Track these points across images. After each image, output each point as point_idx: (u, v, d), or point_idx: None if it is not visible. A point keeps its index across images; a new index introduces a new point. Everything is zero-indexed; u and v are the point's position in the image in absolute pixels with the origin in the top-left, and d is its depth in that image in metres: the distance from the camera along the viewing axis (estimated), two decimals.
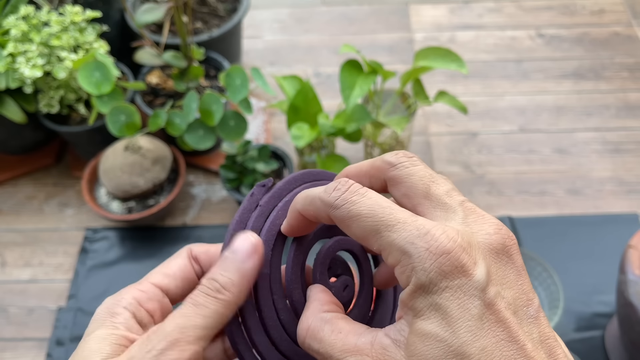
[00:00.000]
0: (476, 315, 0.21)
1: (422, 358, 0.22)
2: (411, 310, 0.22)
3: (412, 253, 0.22)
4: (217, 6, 1.03)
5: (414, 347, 0.22)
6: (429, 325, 0.22)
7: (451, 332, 0.21)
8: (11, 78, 0.82)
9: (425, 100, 0.80)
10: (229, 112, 0.81)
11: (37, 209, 0.95)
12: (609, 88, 1.08)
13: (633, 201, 0.93)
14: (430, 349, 0.21)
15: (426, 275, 0.22)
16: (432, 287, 0.22)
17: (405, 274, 0.22)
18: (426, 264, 0.22)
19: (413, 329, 0.22)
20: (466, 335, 0.21)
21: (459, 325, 0.21)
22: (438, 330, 0.21)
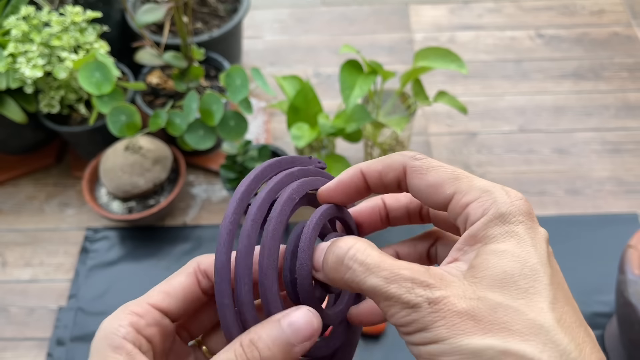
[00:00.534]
0: (545, 251, 0.24)
1: (498, 270, 0.23)
2: (483, 239, 0.24)
3: (494, 191, 0.25)
4: (218, 6, 1.04)
5: (486, 264, 0.24)
6: (505, 245, 0.24)
7: (527, 252, 0.24)
8: (12, 78, 0.82)
9: (425, 101, 0.81)
10: (229, 112, 0.82)
11: (37, 209, 0.96)
12: (609, 88, 1.08)
13: (632, 201, 0.93)
14: (507, 262, 0.23)
15: (507, 207, 0.24)
16: (510, 218, 0.24)
17: (484, 206, 0.25)
18: (507, 199, 0.25)
19: (485, 250, 0.24)
20: (539, 258, 0.24)
21: (534, 250, 0.24)
22: (515, 249, 0.24)
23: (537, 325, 0.22)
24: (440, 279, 0.23)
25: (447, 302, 0.23)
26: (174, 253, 0.89)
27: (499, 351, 0.21)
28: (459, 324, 0.22)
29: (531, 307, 0.22)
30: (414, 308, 0.23)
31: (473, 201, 0.25)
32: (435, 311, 0.23)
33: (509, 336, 0.22)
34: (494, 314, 0.22)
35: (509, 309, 0.22)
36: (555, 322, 0.22)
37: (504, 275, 0.23)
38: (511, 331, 0.22)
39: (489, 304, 0.23)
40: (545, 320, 0.22)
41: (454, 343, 0.22)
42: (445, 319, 0.22)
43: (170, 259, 0.89)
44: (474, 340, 0.22)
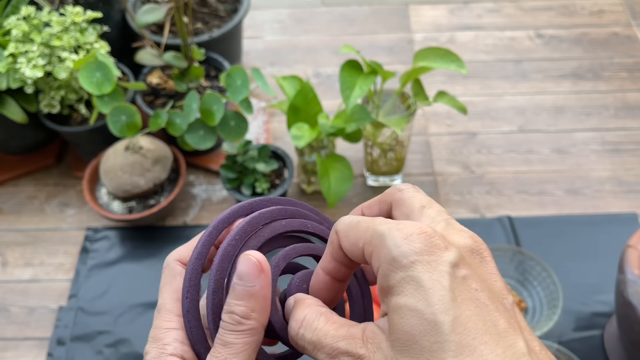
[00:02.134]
0: (448, 287, 0.22)
1: (400, 333, 0.22)
2: (387, 291, 0.23)
3: (386, 234, 0.24)
4: (218, 7, 1.04)
5: (392, 324, 0.23)
6: (403, 299, 0.22)
7: (425, 302, 0.22)
8: (12, 78, 0.82)
9: (424, 101, 0.81)
10: (230, 112, 0.82)
11: (38, 209, 0.96)
12: (608, 88, 1.08)
13: (632, 201, 0.93)
14: (407, 321, 0.22)
15: (398, 249, 0.23)
16: (403, 261, 0.23)
17: (380, 254, 0.24)
18: (397, 240, 0.23)
19: (390, 308, 0.23)
20: (439, 305, 0.22)
21: (432, 294, 0.22)
22: (412, 302, 0.22)
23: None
24: (372, 343, 0.24)
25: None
26: None
27: None
28: None
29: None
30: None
31: (372, 250, 0.24)
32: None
33: None
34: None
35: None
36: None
37: (407, 336, 0.22)
38: None
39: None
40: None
41: None
42: None
43: None
44: None
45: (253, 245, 0.28)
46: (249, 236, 0.28)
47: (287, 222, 0.30)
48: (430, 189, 0.95)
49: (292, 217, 0.30)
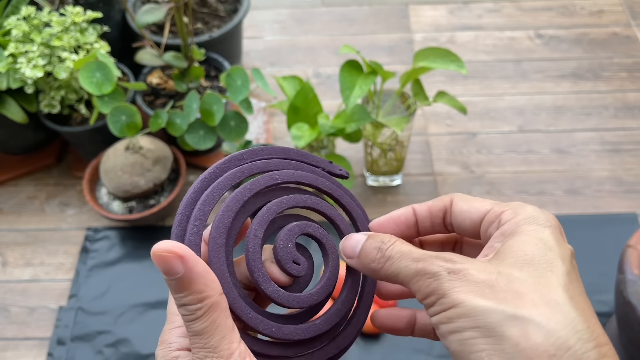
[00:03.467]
0: (569, 257, 0.27)
1: (517, 253, 0.26)
2: (511, 234, 0.27)
3: (527, 205, 0.29)
4: (218, 7, 1.04)
5: (509, 249, 0.26)
6: (531, 237, 0.27)
7: (549, 247, 0.26)
8: (12, 78, 0.82)
9: (424, 101, 0.81)
10: (230, 113, 0.82)
11: (38, 208, 0.96)
12: (608, 88, 1.08)
13: (632, 201, 0.93)
14: (529, 248, 0.26)
15: (539, 214, 0.28)
16: (540, 221, 0.28)
17: (516, 212, 0.28)
18: (539, 211, 0.29)
19: (511, 240, 0.27)
20: (560, 255, 0.26)
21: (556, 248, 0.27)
22: (538, 241, 0.26)
23: (550, 298, 0.23)
24: (465, 258, 0.26)
25: (466, 273, 0.25)
26: None
27: (507, 316, 0.23)
28: (475, 290, 0.24)
29: (546, 284, 0.24)
30: (434, 277, 0.25)
31: (507, 210, 0.28)
32: (453, 279, 0.25)
33: (522, 305, 0.23)
34: (511, 285, 0.24)
35: (525, 282, 0.24)
36: (567, 299, 0.24)
37: (525, 257, 0.25)
38: (524, 300, 0.23)
39: (507, 277, 0.24)
40: (558, 296, 0.24)
41: (468, 305, 0.23)
42: (463, 286, 0.24)
43: None
44: (487, 303, 0.23)
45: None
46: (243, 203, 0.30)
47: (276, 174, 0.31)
48: (430, 189, 0.95)
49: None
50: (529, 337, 0.22)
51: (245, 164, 0.31)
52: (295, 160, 0.32)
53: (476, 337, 0.23)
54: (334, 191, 0.32)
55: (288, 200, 0.30)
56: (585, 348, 0.22)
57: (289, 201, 0.30)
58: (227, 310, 0.26)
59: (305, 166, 0.32)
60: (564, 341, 0.22)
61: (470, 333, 0.23)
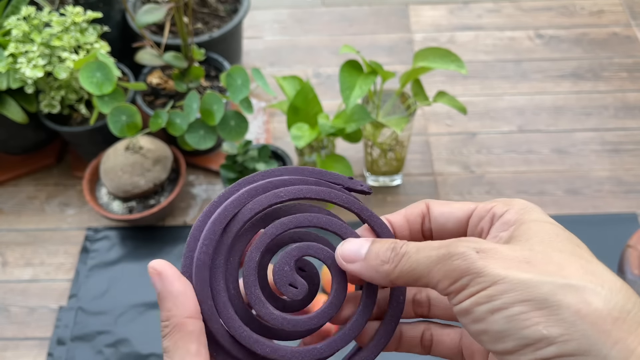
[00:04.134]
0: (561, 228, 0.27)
1: (539, 234, 0.25)
2: (517, 221, 0.26)
3: (516, 198, 0.28)
4: (218, 7, 1.04)
5: (528, 232, 0.25)
6: (543, 223, 0.26)
7: (564, 231, 0.26)
8: (12, 78, 0.82)
9: (424, 101, 0.81)
10: (230, 112, 0.82)
11: (38, 208, 0.96)
12: (608, 88, 1.08)
13: (632, 201, 0.93)
14: (549, 229, 0.25)
15: (533, 205, 0.27)
16: (539, 210, 0.27)
17: (509, 203, 0.27)
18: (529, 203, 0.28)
19: (524, 224, 0.26)
20: (568, 233, 0.26)
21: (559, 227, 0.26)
22: (552, 227, 0.26)
23: (591, 268, 0.23)
24: (488, 241, 0.25)
25: (497, 251, 0.23)
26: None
27: (560, 285, 0.22)
28: (513, 266, 0.23)
29: (579, 258, 0.23)
30: (462, 257, 0.23)
31: (497, 204, 0.27)
32: (485, 257, 0.23)
33: (569, 275, 0.22)
34: (548, 258, 0.23)
35: (561, 255, 0.23)
36: (606, 270, 0.23)
37: (549, 237, 0.24)
38: (569, 271, 0.23)
39: (542, 252, 0.24)
40: (597, 268, 0.23)
41: (512, 279, 0.22)
42: (498, 262, 0.23)
43: (170, 259, 0.89)
44: (532, 275, 0.22)
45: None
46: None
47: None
48: (430, 189, 0.95)
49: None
50: (589, 303, 0.21)
51: (261, 182, 0.30)
52: (313, 178, 0.31)
53: (528, 310, 0.22)
54: (352, 205, 0.30)
55: (289, 221, 0.29)
56: (629, 316, 0.22)
57: (291, 222, 0.29)
58: (194, 334, 0.26)
59: (323, 183, 0.31)
60: (622, 305, 0.22)
61: (520, 307, 0.22)
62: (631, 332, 0.21)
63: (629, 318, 0.21)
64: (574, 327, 0.21)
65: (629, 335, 0.21)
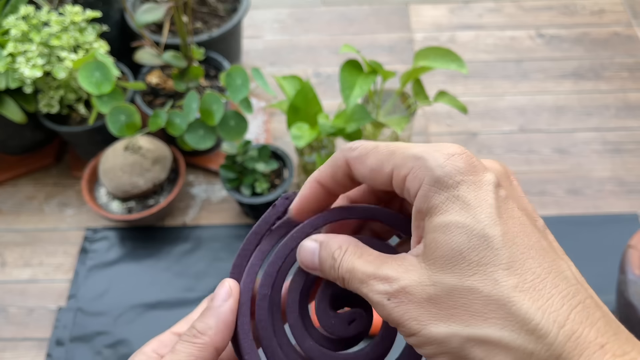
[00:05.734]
0: (494, 205, 0.22)
1: (445, 249, 0.22)
2: (427, 212, 0.23)
3: (425, 156, 0.23)
4: (217, 6, 1.03)
5: (435, 243, 0.22)
6: (449, 216, 0.22)
7: (473, 218, 0.22)
8: (11, 78, 0.82)
9: (425, 100, 0.80)
10: (230, 112, 0.81)
11: (37, 209, 0.95)
12: (609, 88, 1.08)
13: (633, 201, 0.93)
14: (454, 237, 0.22)
15: (442, 169, 0.23)
16: (447, 180, 0.22)
17: (418, 177, 0.23)
18: (440, 161, 0.23)
19: (432, 227, 0.23)
20: (487, 220, 0.22)
21: (479, 212, 0.22)
22: (459, 218, 0.22)
23: (493, 300, 0.21)
24: (400, 267, 0.23)
25: (406, 294, 0.23)
26: (174, 253, 0.89)
27: (464, 338, 0.21)
28: (423, 314, 0.22)
29: (485, 281, 0.21)
30: (380, 308, 0.23)
31: (408, 173, 0.24)
32: (397, 305, 0.23)
33: (470, 319, 0.21)
34: (451, 299, 0.22)
35: (463, 291, 0.22)
36: (512, 290, 0.21)
37: (453, 253, 0.22)
38: (471, 313, 0.21)
39: (444, 288, 0.22)
40: (501, 293, 0.21)
41: (425, 334, 0.22)
42: (410, 311, 0.22)
43: (169, 259, 0.89)
44: (440, 328, 0.22)
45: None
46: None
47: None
48: None
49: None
50: (492, 357, 0.21)
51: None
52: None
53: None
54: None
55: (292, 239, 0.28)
56: (547, 343, 0.20)
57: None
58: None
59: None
60: (523, 350, 0.21)
61: (443, 358, 0.22)
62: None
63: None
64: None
65: None
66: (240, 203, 0.88)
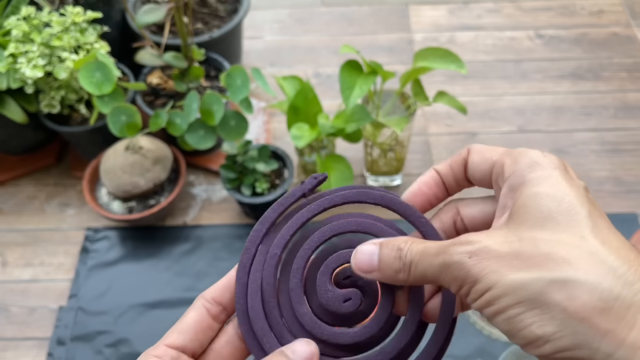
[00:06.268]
0: (583, 191, 0.26)
1: (536, 212, 0.24)
2: (519, 186, 0.26)
3: (528, 150, 0.27)
4: (218, 7, 1.04)
5: (525, 207, 0.25)
6: (543, 188, 0.25)
7: (563, 192, 0.25)
8: (12, 78, 0.82)
9: (424, 101, 0.81)
10: (230, 112, 0.82)
11: (38, 209, 0.96)
12: (608, 88, 1.08)
13: (632, 201, 0.93)
14: (545, 202, 0.25)
15: (540, 158, 0.26)
16: (545, 165, 0.26)
17: (518, 160, 0.27)
18: (540, 154, 0.27)
19: (524, 195, 0.25)
20: (576, 198, 0.25)
21: (569, 190, 0.25)
22: (552, 190, 0.25)
23: (582, 250, 0.23)
24: (482, 234, 0.25)
25: (489, 251, 0.24)
26: (174, 253, 0.89)
27: (547, 282, 0.22)
28: (504, 266, 0.23)
29: (572, 236, 0.23)
30: (460, 267, 0.24)
31: (508, 159, 0.27)
32: (478, 262, 0.24)
33: (555, 267, 0.22)
34: (537, 249, 0.23)
35: (550, 242, 0.23)
36: (600, 245, 0.23)
37: (542, 214, 0.24)
38: (556, 261, 0.23)
39: (531, 242, 0.24)
40: (588, 245, 0.23)
41: (504, 282, 0.23)
42: (490, 265, 0.23)
43: (170, 259, 0.89)
44: (521, 275, 0.23)
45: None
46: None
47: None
48: None
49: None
50: (574, 298, 0.22)
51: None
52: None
53: (522, 312, 0.23)
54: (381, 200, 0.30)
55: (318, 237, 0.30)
56: (634, 290, 0.22)
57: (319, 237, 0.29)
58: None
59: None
60: (609, 291, 0.22)
61: (515, 310, 0.23)
62: (620, 320, 0.21)
63: (616, 305, 0.21)
64: (564, 324, 0.22)
65: (618, 324, 0.21)
66: (240, 203, 0.88)
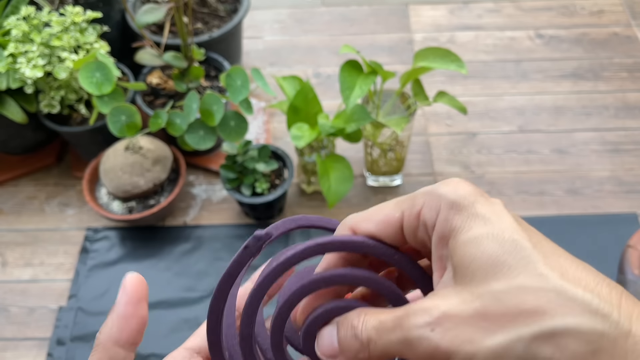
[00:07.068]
0: (511, 217, 0.23)
1: (482, 260, 0.22)
2: (450, 234, 0.23)
3: (434, 189, 0.24)
4: (218, 7, 1.04)
5: (466, 260, 0.22)
6: (475, 231, 0.22)
7: (498, 228, 0.22)
8: (12, 78, 0.82)
9: (424, 101, 0.81)
10: (230, 113, 0.82)
11: (38, 209, 0.96)
12: (608, 88, 1.08)
13: (632, 201, 0.93)
14: (485, 247, 0.22)
15: (455, 194, 0.23)
16: (463, 202, 0.23)
17: (433, 206, 0.24)
18: (450, 188, 0.24)
19: (460, 244, 0.22)
20: (511, 228, 0.22)
21: (501, 223, 0.22)
22: (485, 230, 0.22)
23: (547, 292, 0.20)
24: (434, 297, 0.22)
25: (450, 317, 0.21)
26: (174, 253, 0.89)
27: (529, 340, 0.20)
28: (475, 331, 0.21)
29: (533, 278, 0.21)
30: (424, 342, 0.21)
31: (422, 207, 0.24)
32: (444, 333, 0.21)
33: (530, 320, 0.20)
34: (502, 304, 0.21)
35: (512, 292, 0.21)
36: (562, 280, 0.21)
37: (489, 261, 0.21)
38: (528, 314, 0.20)
39: (492, 297, 0.21)
40: (550, 283, 0.21)
41: (484, 351, 0.20)
42: (459, 334, 0.21)
43: (170, 259, 0.89)
44: (498, 338, 0.20)
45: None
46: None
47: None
48: None
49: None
50: (562, 349, 0.20)
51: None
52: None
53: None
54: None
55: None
56: (613, 323, 0.20)
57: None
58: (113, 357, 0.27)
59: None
60: (593, 332, 0.20)
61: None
62: (611, 356, 0.20)
63: (604, 344, 0.19)
64: None
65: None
66: (240, 203, 0.88)
